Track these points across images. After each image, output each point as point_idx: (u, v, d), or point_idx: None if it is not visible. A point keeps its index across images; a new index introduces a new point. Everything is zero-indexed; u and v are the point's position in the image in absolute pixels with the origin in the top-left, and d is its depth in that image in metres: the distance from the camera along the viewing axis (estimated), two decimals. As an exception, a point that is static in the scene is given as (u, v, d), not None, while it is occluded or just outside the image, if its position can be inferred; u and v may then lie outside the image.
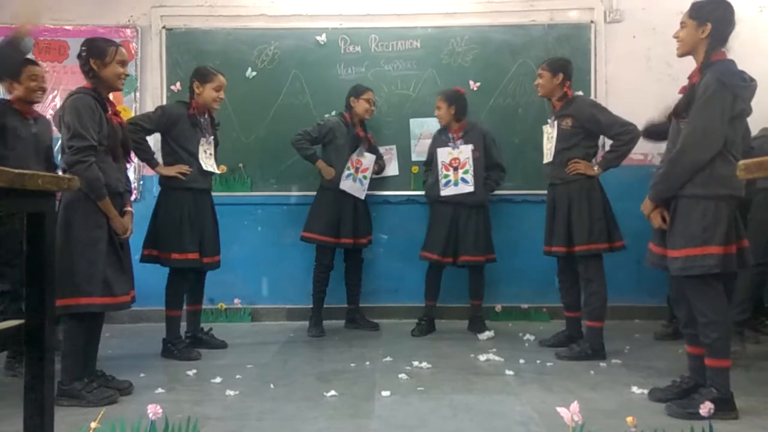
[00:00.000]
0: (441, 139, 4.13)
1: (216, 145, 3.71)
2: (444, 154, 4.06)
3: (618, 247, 3.45)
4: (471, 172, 4.00)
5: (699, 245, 2.41)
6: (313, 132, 4.09)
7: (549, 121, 3.63)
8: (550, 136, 3.58)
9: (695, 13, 2.52)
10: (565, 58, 3.70)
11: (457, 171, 4.02)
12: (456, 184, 4.02)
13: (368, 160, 4.18)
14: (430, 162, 4.21)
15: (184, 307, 3.69)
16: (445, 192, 4.03)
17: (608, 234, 3.40)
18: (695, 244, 2.42)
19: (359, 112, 4.13)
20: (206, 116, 3.64)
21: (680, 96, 2.64)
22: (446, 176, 4.04)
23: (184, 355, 3.48)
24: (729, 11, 2.50)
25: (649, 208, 2.61)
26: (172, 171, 3.49)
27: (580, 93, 3.68)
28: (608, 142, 3.64)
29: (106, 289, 2.69)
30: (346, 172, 4.10)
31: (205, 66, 3.71)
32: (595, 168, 3.46)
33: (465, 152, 4.02)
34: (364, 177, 4.17)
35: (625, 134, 3.38)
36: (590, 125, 3.45)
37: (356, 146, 4.12)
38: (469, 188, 3.99)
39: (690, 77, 2.58)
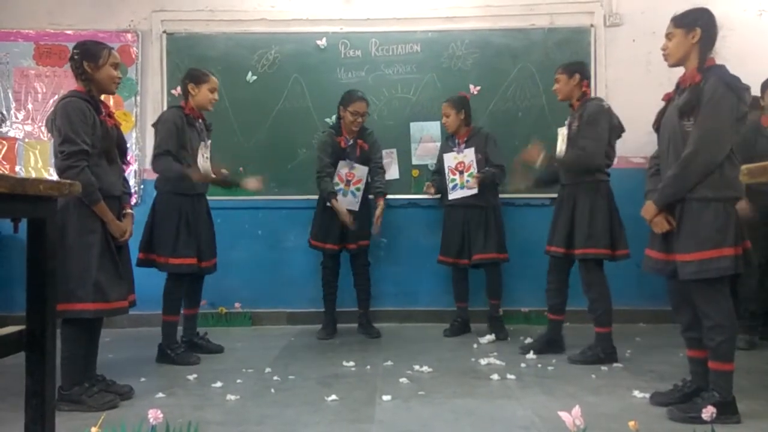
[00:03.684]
0: (447, 145, 4.20)
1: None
2: (450, 159, 4.11)
3: (620, 255, 3.40)
4: (475, 174, 4.00)
5: (713, 248, 2.40)
6: (323, 161, 4.04)
7: (566, 122, 3.55)
8: (564, 137, 3.51)
9: (681, 22, 2.54)
10: (579, 60, 3.66)
11: (463, 174, 4.05)
12: (462, 187, 4.06)
13: (360, 171, 4.11)
14: (439, 171, 4.23)
15: (181, 311, 3.67)
16: (453, 195, 4.07)
17: (611, 240, 3.35)
18: (709, 246, 2.41)
19: (346, 123, 4.07)
20: (200, 120, 3.61)
21: (662, 105, 2.66)
22: (453, 180, 4.09)
23: (182, 359, 3.46)
24: (713, 17, 2.53)
25: (652, 213, 2.58)
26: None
27: (601, 96, 3.63)
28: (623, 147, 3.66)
29: (99, 295, 2.66)
30: (335, 188, 4.04)
31: (196, 68, 3.70)
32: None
33: (469, 155, 4.05)
34: (357, 189, 4.11)
35: (580, 154, 3.34)
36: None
37: (340, 159, 4.06)
38: (474, 190, 4.00)
39: (680, 83, 2.58)
